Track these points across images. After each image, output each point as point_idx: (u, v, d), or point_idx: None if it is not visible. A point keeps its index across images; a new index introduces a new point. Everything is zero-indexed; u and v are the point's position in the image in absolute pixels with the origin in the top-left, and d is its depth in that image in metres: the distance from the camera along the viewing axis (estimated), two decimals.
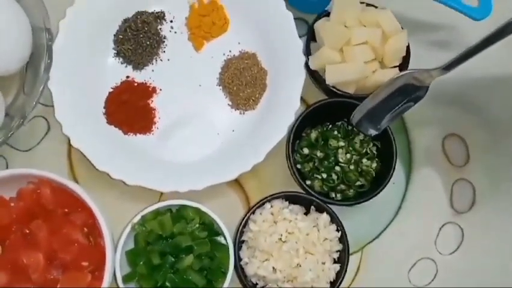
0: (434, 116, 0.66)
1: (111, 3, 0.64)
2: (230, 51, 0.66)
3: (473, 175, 0.65)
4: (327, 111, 0.61)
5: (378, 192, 0.58)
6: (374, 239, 0.63)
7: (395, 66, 0.60)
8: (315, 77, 0.62)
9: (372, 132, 0.59)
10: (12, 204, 0.54)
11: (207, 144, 0.63)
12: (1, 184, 0.54)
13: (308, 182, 0.60)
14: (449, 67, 0.56)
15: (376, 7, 0.62)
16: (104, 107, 0.63)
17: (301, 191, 0.59)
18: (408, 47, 0.61)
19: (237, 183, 0.62)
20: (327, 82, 0.59)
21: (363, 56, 0.58)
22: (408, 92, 0.57)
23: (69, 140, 0.60)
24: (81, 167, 0.62)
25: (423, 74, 0.57)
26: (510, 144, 0.66)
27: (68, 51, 0.62)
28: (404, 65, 0.61)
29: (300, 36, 0.64)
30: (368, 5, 0.62)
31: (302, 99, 0.64)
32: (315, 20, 0.62)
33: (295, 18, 0.66)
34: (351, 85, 0.60)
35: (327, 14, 0.62)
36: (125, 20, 0.66)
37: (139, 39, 0.65)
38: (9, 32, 0.58)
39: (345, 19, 0.59)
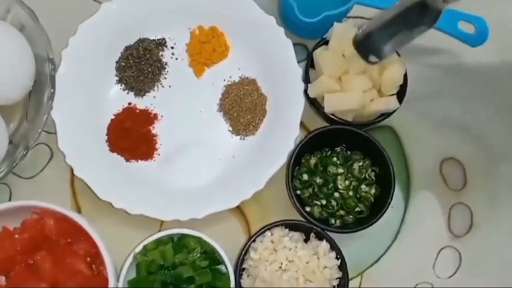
0: (432, 140, 0.67)
1: (113, 32, 0.65)
2: (230, 77, 0.67)
3: (471, 199, 0.66)
4: (326, 137, 0.62)
5: (377, 220, 0.59)
6: (373, 264, 0.63)
7: (392, 94, 0.61)
8: (314, 104, 0.62)
9: (373, 59, 0.56)
10: (16, 236, 0.55)
11: (208, 170, 0.64)
12: (6, 215, 0.55)
13: (308, 209, 0.61)
14: None
15: None
16: (107, 135, 0.64)
17: (301, 218, 0.60)
18: (405, 75, 0.62)
19: (237, 209, 0.63)
20: (325, 110, 0.60)
21: (362, 86, 0.59)
22: (419, 14, 0.53)
23: (72, 168, 0.61)
24: (84, 194, 0.62)
25: None
26: (507, 168, 0.67)
27: (71, 80, 0.63)
28: (401, 92, 0.62)
29: (299, 61, 0.65)
30: None
31: (302, 125, 0.65)
32: (315, 47, 0.63)
33: (294, 44, 0.66)
34: (349, 113, 0.61)
35: (326, 42, 0.63)
36: (127, 48, 0.67)
37: (140, 66, 0.66)
38: (11, 62, 0.59)
39: (343, 49, 0.60)
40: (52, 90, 0.61)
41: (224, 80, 0.67)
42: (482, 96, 0.68)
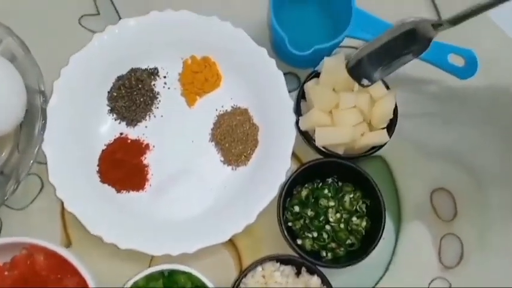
0: (422, 170, 0.67)
1: (105, 62, 0.65)
2: (222, 106, 0.67)
3: (461, 230, 0.66)
4: (318, 169, 0.62)
5: (368, 254, 0.59)
6: None
7: (383, 128, 0.61)
8: (305, 136, 0.63)
9: (365, 82, 0.58)
10: (6, 273, 0.54)
11: (200, 201, 0.64)
12: None
13: (299, 241, 0.61)
14: (456, 21, 0.53)
15: None
16: (98, 165, 0.64)
17: (293, 252, 0.60)
18: (395, 108, 0.62)
19: (229, 241, 0.62)
20: (316, 144, 0.60)
21: (352, 120, 0.59)
22: (409, 43, 0.55)
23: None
24: (74, 227, 0.62)
25: (428, 25, 0.54)
26: (497, 199, 0.67)
27: (62, 112, 0.63)
28: (391, 125, 0.62)
29: (290, 91, 0.65)
30: None
31: (294, 155, 0.65)
32: (306, 79, 0.64)
33: (286, 73, 0.67)
34: (340, 146, 0.61)
35: (317, 74, 0.63)
36: (119, 78, 0.67)
37: (133, 96, 0.66)
38: (2, 93, 0.59)
39: (334, 83, 0.60)
40: (43, 121, 0.61)
41: (216, 110, 0.67)
42: (473, 126, 0.69)
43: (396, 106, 0.62)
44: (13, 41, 0.62)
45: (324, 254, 0.61)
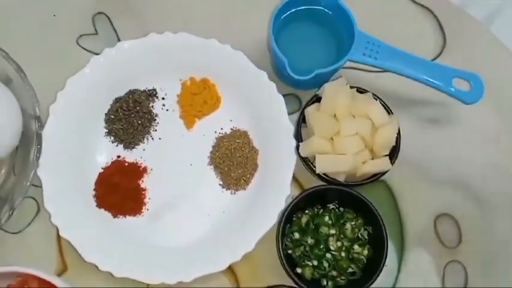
0: (426, 195, 0.66)
1: (102, 85, 0.64)
2: (222, 128, 0.66)
3: (465, 257, 0.64)
4: (318, 195, 0.61)
5: (371, 283, 0.57)
6: None
7: (385, 155, 0.60)
8: (306, 162, 0.61)
9: None
10: None
11: (198, 226, 0.62)
12: None
13: (299, 270, 0.60)
14: None
15: (367, 91, 0.62)
16: (95, 190, 0.63)
17: (292, 281, 0.58)
18: (398, 134, 0.60)
19: (228, 267, 0.61)
20: (317, 171, 0.59)
21: (354, 148, 0.58)
22: None
23: None
24: (70, 251, 0.60)
25: None
26: (502, 226, 0.65)
27: (58, 136, 0.62)
28: (394, 152, 0.61)
29: (291, 113, 0.64)
30: (358, 90, 0.62)
31: (295, 180, 0.64)
32: (307, 104, 0.62)
33: (287, 94, 0.66)
34: (341, 174, 0.59)
35: (318, 99, 0.62)
36: (117, 99, 0.66)
37: (130, 119, 0.65)
38: None
39: (335, 109, 0.59)
40: (39, 146, 0.60)
41: (215, 132, 0.66)
42: (477, 151, 0.67)
43: (399, 132, 0.60)
44: (8, 64, 0.61)
45: (324, 282, 0.60)
